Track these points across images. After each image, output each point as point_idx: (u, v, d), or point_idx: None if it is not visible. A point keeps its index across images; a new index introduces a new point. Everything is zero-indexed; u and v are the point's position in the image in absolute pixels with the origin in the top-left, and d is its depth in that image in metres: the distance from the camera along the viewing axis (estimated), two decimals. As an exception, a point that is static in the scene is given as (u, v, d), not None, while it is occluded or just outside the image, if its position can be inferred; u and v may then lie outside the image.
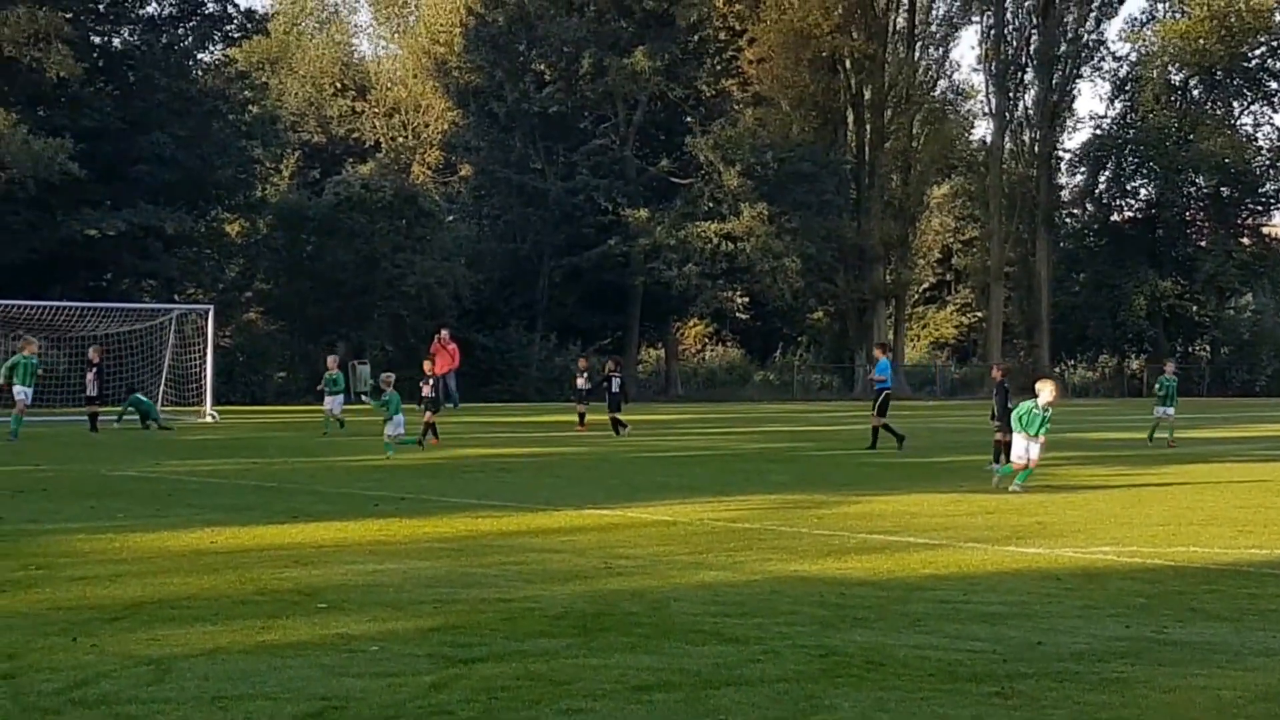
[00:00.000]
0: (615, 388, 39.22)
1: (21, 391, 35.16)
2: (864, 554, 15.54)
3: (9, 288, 57.65)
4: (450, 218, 77.13)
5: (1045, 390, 23.36)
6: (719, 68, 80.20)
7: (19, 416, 34.68)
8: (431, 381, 34.72)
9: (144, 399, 41.76)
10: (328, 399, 39.53)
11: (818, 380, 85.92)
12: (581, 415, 41.55)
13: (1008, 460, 25.30)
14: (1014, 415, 23.02)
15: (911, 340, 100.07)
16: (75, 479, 24.44)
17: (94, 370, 39.85)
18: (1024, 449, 22.88)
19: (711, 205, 74.85)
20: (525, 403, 64.75)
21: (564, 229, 74.26)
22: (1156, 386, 38.84)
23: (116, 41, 64.99)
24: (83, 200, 58.01)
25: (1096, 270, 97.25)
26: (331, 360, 40.42)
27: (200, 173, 62.79)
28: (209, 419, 45.13)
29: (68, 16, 57.62)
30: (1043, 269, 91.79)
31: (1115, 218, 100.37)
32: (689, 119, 76.64)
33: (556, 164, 75.40)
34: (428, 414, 33.88)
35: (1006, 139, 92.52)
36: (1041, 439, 22.96)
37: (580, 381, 42.35)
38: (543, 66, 77.06)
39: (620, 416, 38.80)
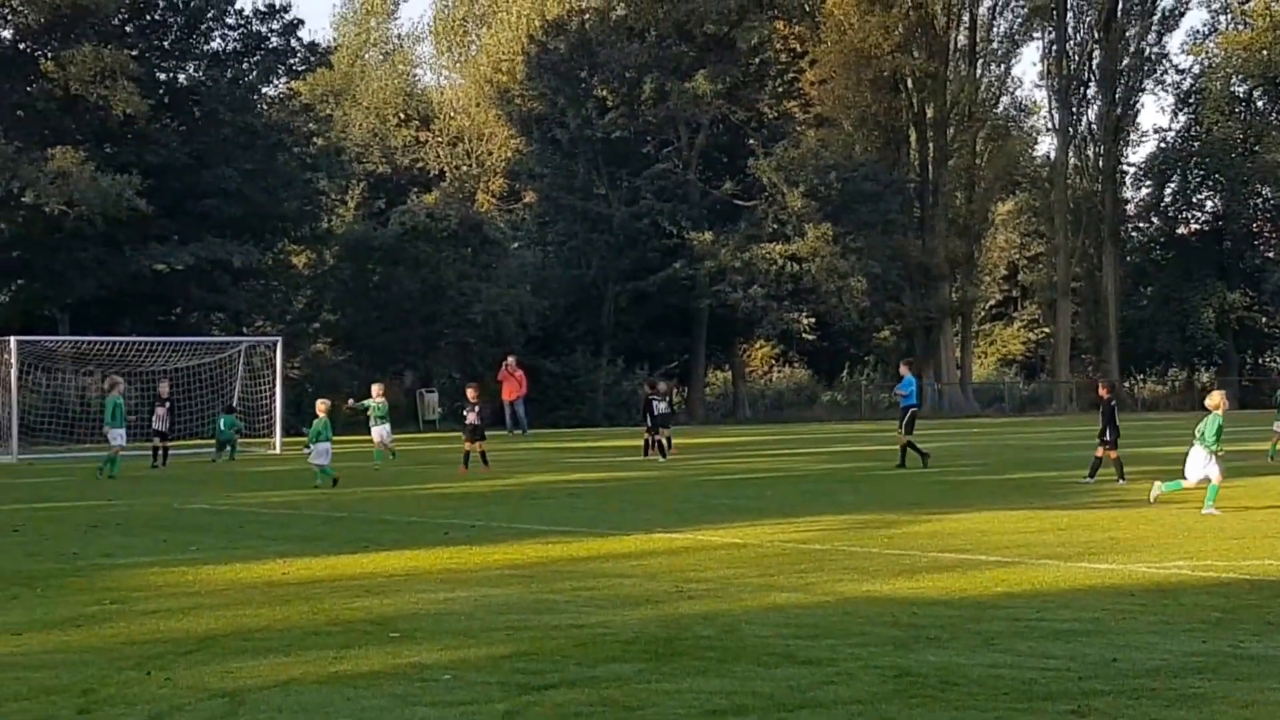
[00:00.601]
0: (657, 409, 39.25)
1: (117, 434, 35.24)
2: (936, 573, 15.46)
3: (80, 323, 58.37)
4: (515, 245, 77.40)
5: (1223, 400, 23.15)
6: (780, 90, 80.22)
7: (116, 458, 34.69)
8: (477, 409, 34.57)
9: (224, 428, 42.03)
10: (375, 429, 38.27)
11: (885, 399, 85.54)
12: (666, 438, 41.68)
13: (1117, 473, 25.91)
14: (1206, 431, 22.36)
15: (979, 357, 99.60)
16: (148, 513, 24.61)
17: (165, 405, 39.96)
18: (1203, 465, 22.36)
19: (776, 227, 74.83)
20: (593, 428, 64.81)
21: (629, 253, 74.34)
22: (1275, 401, 38.31)
23: (181, 77, 65.60)
24: (150, 235, 58.59)
25: (1164, 284, 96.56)
26: (376, 389, 39.37)
27: (266, 205, 63.24)
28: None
29: (133, 54, 58.28)
30: (1109, 283, 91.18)
31: (1181, 231, 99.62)
32: (751, 141, 76.65)
33: (620, 189, 75.54)
34: (475, 443, 33.82)
35: (1070, 154, 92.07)
36: (1221, 450, 22.57)
37: (660, 406, 42.54)
38: (604, 92, 77.27)
39: (659, 440, 38.84)
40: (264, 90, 68.62)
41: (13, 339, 45.15)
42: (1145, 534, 19.09)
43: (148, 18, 64.10)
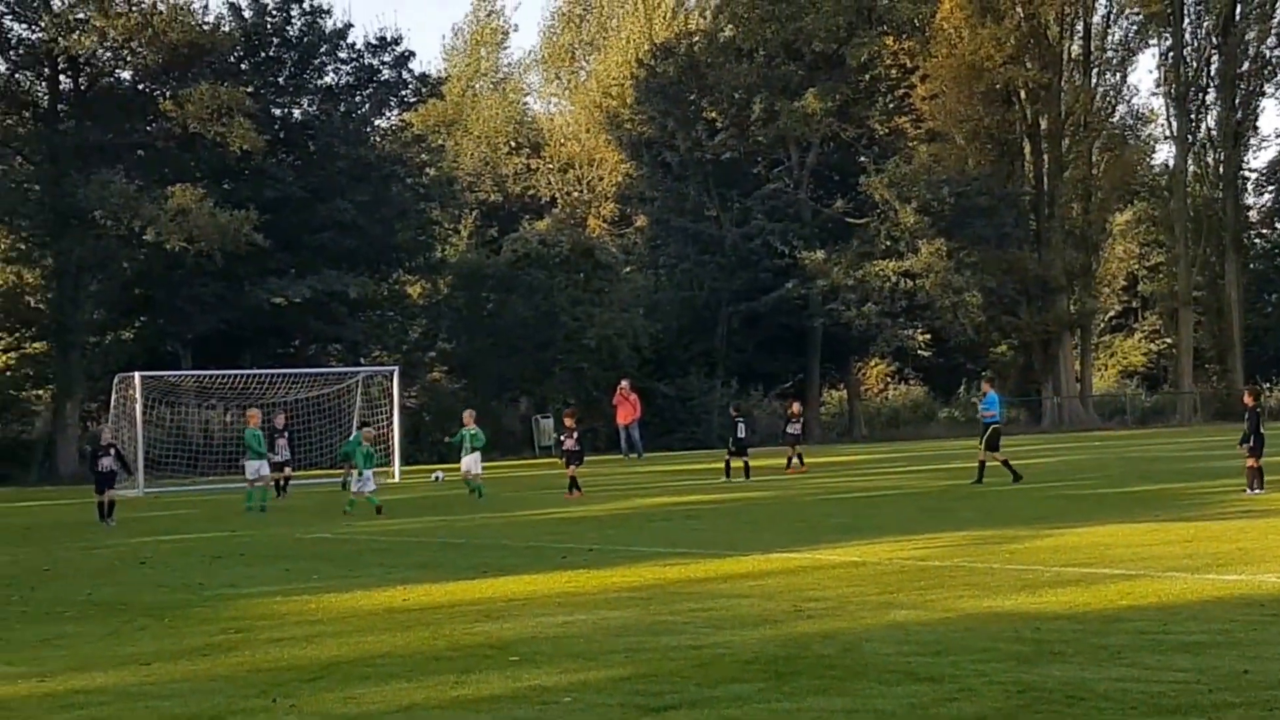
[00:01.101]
0: (742, 432, 39.11)
1: (254, 467, 35.18)
2: (1058, 587, 15.27)
3: (201, 357, 59.22)
4: (627, 269, 77.57)
5: None
6: (891, 106, 79.76)
7: (259, 489, 34.55)
8: (575, 435, 34.31)
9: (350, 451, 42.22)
10: (466, 458, 36.21)
11: (1003, 415, 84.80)
12: (790, 458, 41.70)
13: (1260, 485, 25.52)
14: None
15: (1099, 369, 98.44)
16: (270, 542, 24.87)
17: (284, 436, 40.18)
18: None
19: (889, 243, 74.44)
20: (709, 450, 64.69)
21: (741, 274, 74.24)
22: None
23: (296, 113, 66.47)
24: (268, 269, 59.30)
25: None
26: (468, 415, 37.78)
27: (381, 237, 63.85)
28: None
29: (249, 91, 59.05)
30: (1233, 291, 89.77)
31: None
32: (862, 158, 76.34)
33: (731, 210, 75.50)
34: (573, 467, 33.55)
35: (1189, 162, 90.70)
36: None
37: (792, 428, 42.57)
38: (714, 114, 77.31)
39: (748, 461, 38.79)
40: (377, 122, 69.34)
41: (137, 375, 45.81)
42: (1274, 544, 18.76)
43: (262, 55, 65.00)
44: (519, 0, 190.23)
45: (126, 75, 61.27)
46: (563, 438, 34.96)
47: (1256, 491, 26.72)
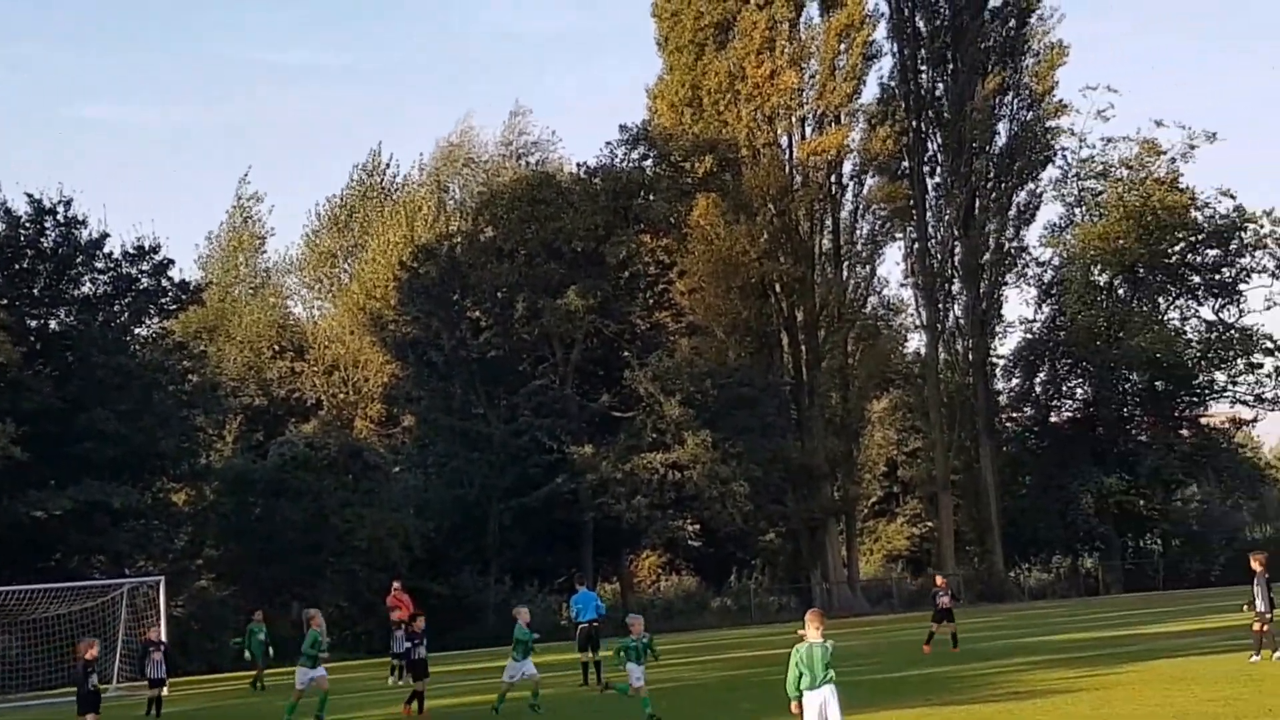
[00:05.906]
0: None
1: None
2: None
3: (-43, 574, 57.26)
4: (396, 469, 77.29)
5: None
6: (651, 301, 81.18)
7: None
8: (425, 642, 32.28)
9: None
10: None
11: (775, 602, 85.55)
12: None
13: (1255, 647, 26.21)
14: None
15: (865, 554, 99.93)
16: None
17: (160, 650, 37.87)
18: None
19: (655, 436, 75.15)
20: (485, 647, 64.24)
21: (510, 471, 74.41)
22: None
23: (53, 323, 65.18)
24: (28, 481, 57.77)
25: (1042, 472, 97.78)
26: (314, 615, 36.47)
27: (144, 445, 62.75)
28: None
29: (2, 303, 57.97)
30: (988, 474, 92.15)
31: (1055, 419, 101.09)
32: (626, 353, 77.30)
33: (498, 407, 75.83)
34: (422, 681, 30.73)
35: (940, 349, 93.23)
36: None
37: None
38: (478, 313, 77.96)
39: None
40: (137, 331, 68.36)
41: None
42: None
43: (16, 266, 63.89)
44: (272, 205, 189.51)
45: None
46: (413, 644, 31.62)
47: (1007, 673, 27.24)
